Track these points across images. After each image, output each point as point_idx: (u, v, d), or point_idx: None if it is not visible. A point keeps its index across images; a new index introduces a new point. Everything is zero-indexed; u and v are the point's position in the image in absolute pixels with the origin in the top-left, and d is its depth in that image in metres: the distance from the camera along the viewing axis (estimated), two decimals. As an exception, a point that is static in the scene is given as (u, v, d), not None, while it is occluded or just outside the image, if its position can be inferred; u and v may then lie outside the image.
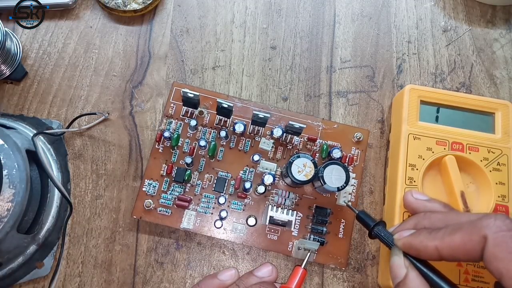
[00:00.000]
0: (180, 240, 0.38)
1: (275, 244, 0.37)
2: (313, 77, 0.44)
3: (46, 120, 0.41)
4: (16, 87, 0.42)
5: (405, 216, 0.35)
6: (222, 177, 0.38)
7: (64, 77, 0.43)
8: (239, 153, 0.39)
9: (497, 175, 0.36)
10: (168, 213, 0.37)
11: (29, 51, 0.44)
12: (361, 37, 0.45)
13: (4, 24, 0.40)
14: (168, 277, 0.37)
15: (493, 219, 0.24)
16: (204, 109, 0.40)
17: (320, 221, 0.37)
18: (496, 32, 0.45)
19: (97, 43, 0.44)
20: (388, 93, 0.43)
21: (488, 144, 0.37)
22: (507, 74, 0.44)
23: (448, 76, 0.44)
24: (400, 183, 0.36)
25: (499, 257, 0.23)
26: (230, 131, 0.39)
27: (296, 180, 0.34)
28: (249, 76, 0.44)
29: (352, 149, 0.39)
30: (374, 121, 0.42)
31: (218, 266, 0.38)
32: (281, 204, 0.38)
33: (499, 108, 0.38)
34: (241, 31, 0.45)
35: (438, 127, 0.38)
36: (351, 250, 0.38)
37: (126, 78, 0.43)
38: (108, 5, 0.43)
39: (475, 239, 0.24)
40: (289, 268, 0.38)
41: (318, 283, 0.38)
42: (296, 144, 0.39)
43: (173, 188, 0.38)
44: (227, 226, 0.37)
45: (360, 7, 0.46)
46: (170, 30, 0.45)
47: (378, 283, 0.37)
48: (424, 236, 0.27)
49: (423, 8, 0.46)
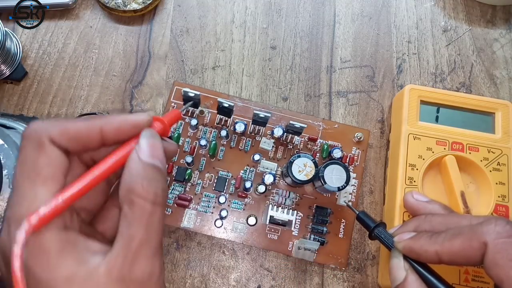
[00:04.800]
0: (180, 240, 0.38)
1: (275, 243, 0.37)
2: (313, 77, 0.44)
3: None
4: (16, 87, 0.42)
5: (405, 216, 0.35)
6: (222, 176, 0.38)
7: (64, 77, 0.43)
8: (239, 152, 0.39)
9: (497, 175, 0.36)
10: (169, 212, 0.37)
11: (29, 51, 0.44)
12: (361, 37, 0.45)
13: (4, 24, 0.40)
14: (168, 277, 0.37)
15: (493, 225, 0.24)
16: (205, 108, 0.40)
17: (321, 221, 0.37)
18: (496, 32, 0.45)
19: (97, 43, 0.44)
20: (388, 93, 0.43)
21: (488, 144, 0.37)
22: (507, 74, 0.44)
23: (448, 76, 0.44)
24: (400, 183, 0.36)
25: (499, 264, 0.23)
26: (231, 130, 0.39)
27: (296, 179, 0.34)
28: (249, 76, 0.44)
29: (352, 149, 0.39)
30: (374, 121, 0.42)
31: (218, 266, 0.38)
32: (281, 203, 0.38)
33: (499, 108, 0.38)
34: (241, 31, 0.45)
35: (438, 127, 0.38)
36: (351, 250, 0.38)
37: (126, 78, 0.43)
38: (108, 5, 0.43)
39: (475, 245, 0.24)
40: (289, 268, 0.38)
41: (318, 283, 0.38)
42: (296, 144, 0.39)
43: (174, 187, 0.38)
44: (227, 225, 0.37)
45: (360, 7, 0.46)
46: (170, 30, 0.45)
47: (378, 283, 0.37)
48: (424, 240, 0.27)
49: (423, 8, 0.46)
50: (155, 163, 0.24)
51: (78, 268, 0.22)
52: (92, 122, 0.24)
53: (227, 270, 0.38)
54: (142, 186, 0.23)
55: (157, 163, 0.24)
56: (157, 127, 0.26)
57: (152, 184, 0.23)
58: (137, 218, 0.23)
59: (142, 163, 0.23)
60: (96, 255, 0.22)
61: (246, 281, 0.37)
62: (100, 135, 0.24)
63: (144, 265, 0.23)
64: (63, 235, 0.22)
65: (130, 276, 0.22)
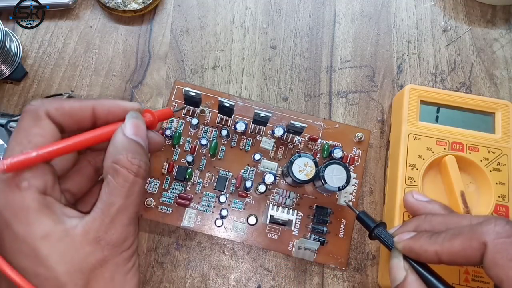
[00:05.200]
0: (180, 240, 0.38)
1: (275, 243, 0.37)
2: (313, 77, 0.44)
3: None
4: (16, 87, 0.42)
5: (405, 216, 0.35)
6: (223, 176, 0.38)
7: (64, 77, 0.43)
8: (240, 152, 0.39)
9: (497, 175, 0.36)
10: (169, 211, 0.37)
11: (29, 51, 0.44)
12: (361, 37, 0.45)
13: (4, 24, 0.40)
14: (168, 277, 0.37)
15: (493, 225, 0.24)
16: (206, 108, 0.40)
17: (321, 221, 0.37)
18: (496, 32, 0.45)
19: (97, 43, 0.44)
20: (388, 93, 0.43)
21: (488, 144, 0.37)
22: (507, 74, 0.44)
23: (448, 76, 0.44)
24: (400, 183, 0.36)
25: (499, 264, 0.23)
26: (232, 130, 0.39)
27: (297, 179, 0.34)
28: (249, 76, 0.44)
29: (353, 149, 0.39)
30: (374, 121, 0.42)
31: (218, 266, 0.38)
32: (281, 203, 0.38)
33: (499, 108, 0.39)
34: (241, 31, 0.45)
35: (438, 127, 0.38)
36: (351, 250, 0.38)
37: (126, 78, 0.43)
38: (108, 5, 0.43)
39: (475, 246, 0.24)
40: (289, 268, 0.38)
41: (318, 283, 0.38)
42: (297, 144, 0.39)
43: (174, 186, 0.38)
44: (227, 224, 0.37)
45: (360, 7, 0.46)
46: (170, 30, 0.45)
47: (378, 283, 0.37)
48: (424, 241, 0.27)
49: (423, 8, 0.46)
50: (138, 140, 0.26)
51: (54, 227, 0.23)
52: (85, 101, 0.27)
53: (227, 270, 0.38)
54: (126, 157, 0.25)
55: (140, 141, 0.27)
56: (147, 118, 0.29)
57: (136, 156, 0.25)
58: (119, 186, 0.25)
59: (127, 138, 0.26)
60: (73, 218, 0.24)
61: (246, 281, 0.37)
62: (91, 114, 0.27)
63: (120, 230, 0.25)
64: (41, 198, 0.24)
65: (106, 238, 0.24)
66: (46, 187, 0.25)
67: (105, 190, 0.25)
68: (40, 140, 0.25)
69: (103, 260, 0.24)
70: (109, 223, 0.24)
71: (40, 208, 0.24)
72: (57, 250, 0.23)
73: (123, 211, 0.25)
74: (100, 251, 0.24)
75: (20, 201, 0.23)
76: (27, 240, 0.23)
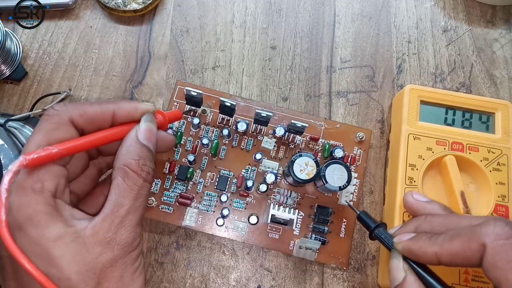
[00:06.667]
0: (180, 240, 0.38)
1: (276, 242, 0.37)
2: (313, 77, 0.44)
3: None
4: (16, 87, 0.42)
5: (405, 216, 0.35)
6: (224, 175, 0.38)
7: (64, 77, 0.43)
8: (241, 151, 0.39)
9: (497, 175, 0.36)
10: (170, 210, 0.37)
11: (29, 51, 0.43)
12: (361, 37, 0.45)
13: (4, 24, 0.40)
14: (168, 277, 0.37)
15: (492, 226, 0.24)
16: (207, 107, 0.40)
17: (322, 221, 0.37)
18: (496, 32, 0.46)
19: (97, 43, 0.44)
20: (388, 93, 0.43)
21: (488, 144, 0.37)
22: (507, 74, 0.44)
23: (448, 76, 0.44)
24: (400, 183, 0.36)
25: (498, 266, 0.23)
26: (233, 129, 0.39)
27: (298, 179, 0.34)
28: (249, 76, 0.44)
29: (354, 149, 0.39)
30: (374, 121, 0.42)
31: (218, 266, 0.38)
32: (283, 203, 0.38)
33: (499, 108, 0.39)
34: (241, 31, 0.45)
35: (438, 127, 0.38)
36: (351, 250, 0.38)
37: (126, 78, 0.43)
38: (108, 5, 0.43)
39: (474, 247, 0.24)
40: (289, 268, 0.38)
41: (318, 283, 0.38)
42: (298, 143, 0.39)
43: (175, 185, 0.38)
44: (228, 224, 0.37)
45: (360, 7, 0.46)
46: (170, 30, 0.45)
47: (378, 283, 0.37)
48: (423, 242, 0.27)
49: (423, 8, 0.46)
50: (149, 146, 0.28)
51: (66, 229, 0.24)
52: (106, 105, 0.28)
53: (227, 270, 0.38)
54: (138, 163, 0.26)
55: (150, 146, 0.28)
56: (158, 119, 0.30)
57: (147, 163, 0.27)
58: (129, 189, 0.26)
59: (139, 143, 0.27)
60: (81, 220, 0.25)
61: (246, 281, 0.37)
62: (111, 118, 0.28)
63: (129, 231, 0.26)
64: (53, 201, 0.25)
65: (116, 238, 0.25)
66: (58, 190, 0.25)
67: (114, 192, 0.26)
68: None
69: (113, 259, 0.25)
70: (119, 224, 0.25)
71: (52, 212, 0.24)
72: (69, 252, 0.24)
73: (132, 212, 0.26)
74: (111, 251, 0.25)
75: (34, 204, 0.24)
76: (39, 242, 0.23)
